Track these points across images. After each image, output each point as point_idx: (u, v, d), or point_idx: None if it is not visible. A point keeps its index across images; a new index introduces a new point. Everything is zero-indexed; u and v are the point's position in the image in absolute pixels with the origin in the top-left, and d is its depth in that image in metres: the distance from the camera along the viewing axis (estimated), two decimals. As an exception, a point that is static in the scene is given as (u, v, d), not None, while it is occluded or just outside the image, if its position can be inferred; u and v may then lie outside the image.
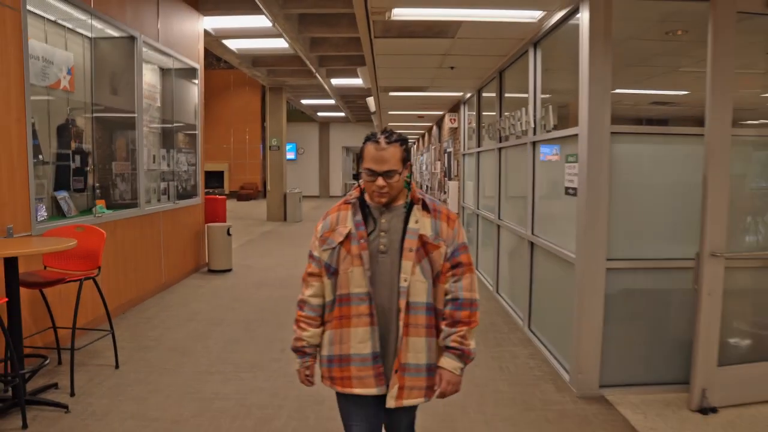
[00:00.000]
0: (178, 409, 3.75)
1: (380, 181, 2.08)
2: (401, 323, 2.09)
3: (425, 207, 2.19)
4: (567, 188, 4.44)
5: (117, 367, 4.46)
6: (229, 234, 8.41)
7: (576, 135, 4.17)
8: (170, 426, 3.51)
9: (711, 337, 3.78)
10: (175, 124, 8.14)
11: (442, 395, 2.17)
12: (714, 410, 3.79)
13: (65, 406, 3.67)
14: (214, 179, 25.82)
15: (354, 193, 2.24)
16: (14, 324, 3.50)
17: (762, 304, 4.19)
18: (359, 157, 2.12)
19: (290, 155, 27.71)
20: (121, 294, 5.99)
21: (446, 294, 2.18)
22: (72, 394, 3.90)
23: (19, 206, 4.32)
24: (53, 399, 3.78)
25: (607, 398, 4.00)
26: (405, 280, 2.09)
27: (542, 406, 3.89)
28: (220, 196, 10.08)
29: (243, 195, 25.61)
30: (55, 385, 4.00)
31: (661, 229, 4.13)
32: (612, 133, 3.99)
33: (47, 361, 3.90)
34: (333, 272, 2.15)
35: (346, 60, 12.00)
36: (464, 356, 2.15)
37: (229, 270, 8.55)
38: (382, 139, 2.09)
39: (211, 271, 8.43)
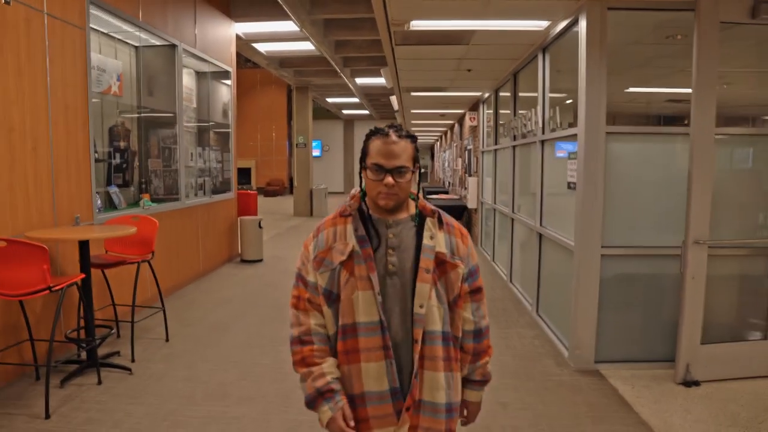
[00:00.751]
0: (224, 374, 4.33)
1: (389, 179, 1.74)
2: (416, 356, 1.77)
3: (439, 220, 1.88)
4: (569, 183, 4.91)
5: (167, 340, 5.07)
6: (260, 227, 9.02)
7: (575, 134, 4.65)
8: (218, 387, 4.08)
9: (695, 317, 4.22)
10: (209, 124, 8.76)
11: (467, 424, 2.06)
12: (697, 383, 4.21)
13: (129, 369, 4.30)
14: (241, 176, 26.48)
15: (352, 204, 1.87)
16: (87, 297, 4.11)
17: (743, 288, 4.62)
18: (362, 155, 1.83)
19: (316, 152, 28.32)
20: (165, 279, 6.60)
21: (464, 323, 1.90)
22: (132, 360, 4.53)
23: (83, 199, 4.93)
24: (119, 363, 4.40)
25: (601, 372, 4.47)
26: (421, 306, 1.76)
27: (542, 377, 4.38)
28: (251, 191, 10.67)
29: (270, 191, 26.30)
30: (117, 353, 4.63)
31: (652, 219, 4.58)
32: (607, 133, 4.44)
33: (113, 331, 4.52)
34: (334, 299, 1.80)
35: (369, 60, 12.53)
36: (486, 383, 2.00)
37: (260, 260, 9.15)
38: (392, 133, 1.78)
39: (244, 261, 9.04)
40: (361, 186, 1.87)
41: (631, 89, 10.02)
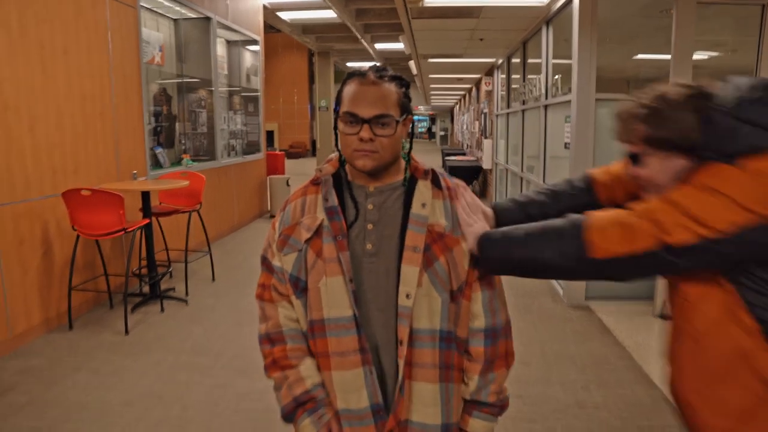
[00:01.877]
0: (264, 305, 5.10)
1: (365, 132, 1.33)
2: (401, 361, 1.36)
3: (436, 183, 1.45)
4: (566, 143, 5.54)
5: (213, 279, 5.87)
6: (288, 185, 9.75)
7: (569, 101, 5.26)
8: (260, 315, 4.85)
9: (671, 259, 4.88)
10: (239, 89, 9.45)
11: None
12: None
13: (185, 301, 5.11)
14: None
15: (327, 168, 1.48)
16: (149, 240, 4.88)
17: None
18: (336, 103, 1.42)
19: (336, 115, 28.78)
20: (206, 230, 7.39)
21: (473, 318, 1.46)
22: (186, 294, 5.31)
23: (139, 158, 5.68)
24: (176, 296, 5.20)
25: (590, 307, 5.16)
26: (408, 296, 1.35)
27: (538, 312, 5.08)
28: (279, 152, 11.38)
29: (292, 153, 27.00)
30: (172, 289, 5.41)
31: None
32: (597, 99, 5.05)
33: (171, 268, 5.31)
34: (302, 288, 1.43)
35: (388, 27, 13.04)
36: (502, 411, 1.50)
37: (288, 216, 9.88)
38: (371, 73, 1.38)
39: (273, 216, 9.77)
40: (337, 145, 1.45)
41: (640, 56, 10.49)
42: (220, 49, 8.81)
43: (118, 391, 3.48)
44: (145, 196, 4.88)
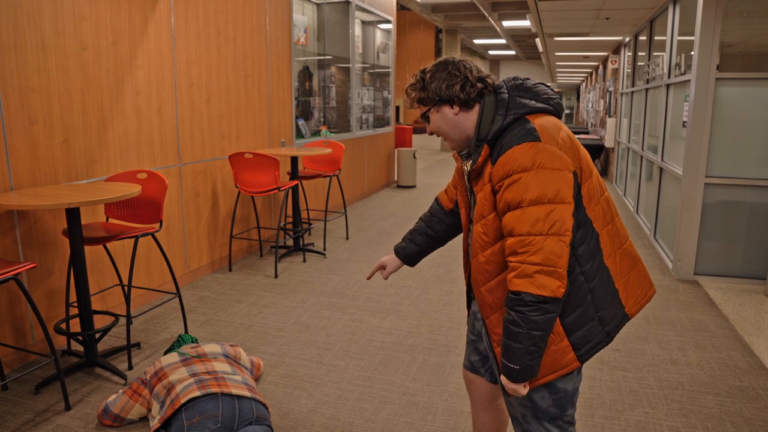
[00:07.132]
0: (391, 261, 5.75)
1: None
2: None
3: None
4: (684, 122, 5.70)
5: (347, 238, 6.60)
6: (414, 157, 10.37)
7: (689, 80, 5.42)
8: (388, 269, 5.50)
9: (786, 239, 4.99)
10: (371, 66, 10.12)
11: None
12: (785, 296, 5.03)
13: (324, 254, 5.85)
14: (390, 113, 27.99)
15: None
16: (295, 199, 5.66)
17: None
18: None
19: (461, 92, 28.93)
20: (339, 194, 8.16)
21: None
22: (324, 249, 6.06)
23: (286, 128, 6.49)
24: (316, 249, 5.97)
25: (699, 282, 5.36)
26: None
27: (646, 282, 5.36)
28: (407, 126, 12.01)
29: (417, 129, 27.66)
30: (312, 244, 6.19)
31: (756, 154, 5.29)
32: (717, 78, 5.18)
33: (312, 226, 6.09)
34: None
35: (516, 5, 13.23)
36: None
37: (414, 186, 10.55)
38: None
39: (399, 187, 10.48)
40: None
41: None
42: (356, 29, 9.51)
43: (272, 319, 4.26)
44: (294, 161, 5.65)
